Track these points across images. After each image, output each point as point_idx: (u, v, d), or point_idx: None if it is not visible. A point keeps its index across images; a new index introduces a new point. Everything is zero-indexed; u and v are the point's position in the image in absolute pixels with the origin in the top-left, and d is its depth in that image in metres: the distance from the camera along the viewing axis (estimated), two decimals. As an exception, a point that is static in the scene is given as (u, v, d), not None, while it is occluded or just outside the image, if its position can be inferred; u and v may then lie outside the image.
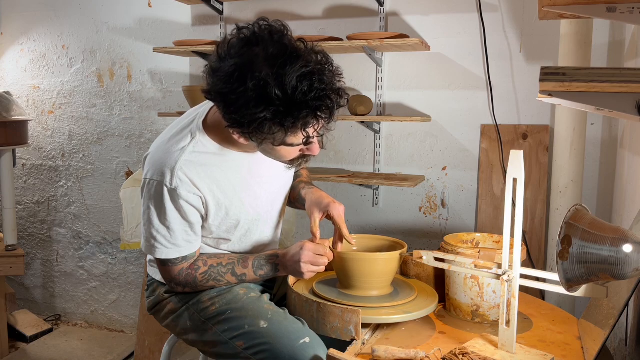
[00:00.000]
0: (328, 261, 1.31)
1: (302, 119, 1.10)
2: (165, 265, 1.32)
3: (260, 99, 1.07)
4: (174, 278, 1.33)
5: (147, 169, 1.30)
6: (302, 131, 1.14)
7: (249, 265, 1.33)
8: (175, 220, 1.27)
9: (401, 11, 2.37)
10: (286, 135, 1.13)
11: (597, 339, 1.15)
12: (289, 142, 1.17)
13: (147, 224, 1.29)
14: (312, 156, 1.26)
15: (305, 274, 1.29)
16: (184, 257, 1.31)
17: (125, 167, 3.01)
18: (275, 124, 1.10)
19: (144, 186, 1.29)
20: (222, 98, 1.12)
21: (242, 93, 1.08)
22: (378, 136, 2.47)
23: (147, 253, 1.32)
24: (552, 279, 1.12)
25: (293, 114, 1.09)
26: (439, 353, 1.15)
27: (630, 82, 0.88)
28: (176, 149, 1.27)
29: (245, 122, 1.11)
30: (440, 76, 2.35)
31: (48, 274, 3.28)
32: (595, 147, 2.16)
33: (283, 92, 1.06)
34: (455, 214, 2.39)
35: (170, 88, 2.84)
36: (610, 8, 1.06)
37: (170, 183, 1.24)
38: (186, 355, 2.70)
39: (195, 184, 1.26)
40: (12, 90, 3.13)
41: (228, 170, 1.31)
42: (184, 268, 1.32)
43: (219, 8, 2.62)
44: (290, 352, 1.18)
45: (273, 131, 1.12)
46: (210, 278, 1.32)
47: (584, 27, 1.92)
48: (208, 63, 1.16)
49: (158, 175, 1.25)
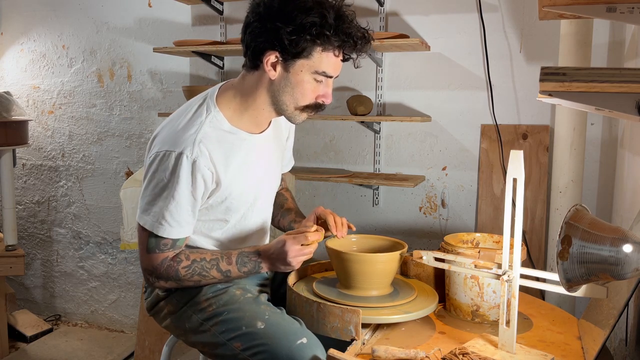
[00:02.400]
0: (314, 248, 1.32)
1: (341, 35, 1.25)
2: (152, 252, 1.30)
3: (316, 5, 1.23)
4: (156, 269, 1.31)
5: (159, 144, 1.29)
6: (334, 51, 1.27)
7: (233, 261, 1.33)
8: (185, 196, 1.27)
9: (401, 11, 2.37)
10: (320, 53, 1.26)
11: (597, 339, 1.15)
12: (317, 68, 1.28)
13: (155, 197, 1.27)
14: (323, 107, 1.36)
15: (295, 266, 1.33)
16: (175, 242, 1.30)
17: (125, 167, 3.01)
18: (318, 33, 1.22)
19: (155, 160, 1.28)
20: (271, 10, 1.24)
21: (298, 1, 1.23)
22: (378, 136, 2.47)
23: (147, 228, 1.29)
24: (552, 279, 1.12)
25: (336, 26, 1.24)
26: (439, 353, 1.15)
27: (630, 82, 0.88)
28: (195, 122, 1.31)
29: (291, 29, 1.22)
30: (440, 76, 2.35)
31: (48, 274, 3.28)
32: (595, 147, 2.16)
33: (335, 11, 1.25)
34: (455, 214, 2.39)
35: (170, 88, 2.84)
36: (610, 8, 1.06)
37: (192, 153, 1.26)
38: (186, 355, 2.70)
39: (212, 158, 1.29)
40: (12, 90, 3.13)
41: (237, 148, 1.35)
42: (167, 258, 1.31)
43: (219, 8, 2.62)
44: (287, 352, 1.18)
45: (312, 44, 1.24)
46: (195, 273, 1.32)
47: (584, 27, 1.92)
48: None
49: (177, 147, 1.26)
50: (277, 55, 1.27)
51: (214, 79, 2.74)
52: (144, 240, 1.31)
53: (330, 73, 1.31)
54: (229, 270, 1.33)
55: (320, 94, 1.33)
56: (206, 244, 1.42)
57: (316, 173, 2.41)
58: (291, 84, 1.31)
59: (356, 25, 1.28)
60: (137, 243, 1.38)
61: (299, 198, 2.64)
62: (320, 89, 1.33)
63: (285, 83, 1.31)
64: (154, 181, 1.28)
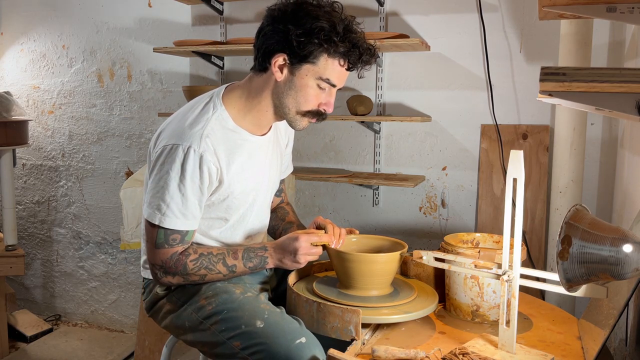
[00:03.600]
0: (321, 251, 1.37)
1: (347, 44, 1.29)
2: (161, 247, 1.31)
3: (326, 14, 1.27)
4: (165, 263, 1.31)
5: (166, 138, 1.31)
6: (339, 60, 1.31)
7: (239, 256, 1.35)
8: (192, 189, 1.29)
9: (401, 11, 2.37)
10: (326, 60, 1.30)
11: (597, 339, 1.15)
12: (322, 74, 1.31)
13: (162, 190, 1.28)
14: (324, 116, 1.38)
15: (302, 264, 1.36)
16: (183, 236, 1.31)
17: (125, 167, 3.01)
18: (326, 38, 1.26)
19: (162, 153, 1.29)
20: (284, 14, 1.29)
21: (311, 9, 1.28)
22: (378, 136, 2.47)
23: (155, 222, 1.29)
24: (552, 279, 1.12)
25: (344, 35, 1.28)
26: (439, 353, 1.15)
27: (630, 82, 0.88)
28: (202, 118, 1.33)
29: (300, 32, 1.26)
30: (440, 76, 2.35)
31: (48, 274, 3.28)
32: (595, 147, 2.16)
33: (345, 23, 1.30)
34: (455, 214, 2.39)
35: (170, 88, 2.85)
36: (610, 8, 1.07)
37: (199, 146, 1.28)
38: (186, 355, 2.70)
39: (217, 153, 1.32)
40: (12, 90, 3.13)
41: (240, 148, 1.38)
42: (177, 252, 1.32)
43: (219, 8, 2.62)
44: (286, 352, 1.18)
45: (319, 49, 1.28)
46: (202, 266, 1.33)
47: (584, 27, 1.92)
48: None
49: (185, 141, 1.29)
50: (285, 58, 1.30)
51: (214, 79, 2.74)
52: (153, 235, 1.31)
53: (334, 81, 1.33)
54: (234, 265, 1.35)
55: (323, 101, 1.36)
56: (204, 242, 1.42)
57: (316, 173, 2.41)
58: (295, 88, 1.33)
59: (363, 39, 1.33)
60: (143, 239, 1.38)
61: (298, 198, 2.64)
62: (322, 97, 1.36)
63: (290, 86, 1.33)
64: (161, 174, 1.29)
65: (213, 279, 1.36)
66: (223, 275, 1.35)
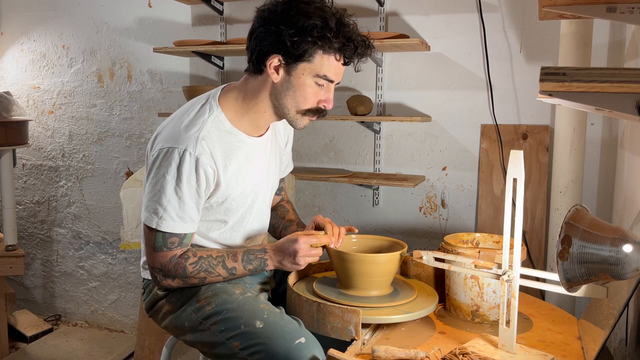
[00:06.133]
0: (321, 252, 1.37)
1: (342, 39, 1.28)
2: (159, 250, 1.31)
3: (317, 11, 1.26)
4: (164, 266, 1.31)
5: (162, 142, 1.31)
6: (335, 55, 1.29)
7: (239, 259, 1.35)
8: (189, 192, 1.29)
9: (401, 11, 2.37)
10: (322, 56, 1.28)
11: (597, 339, 1.15)
12: (319, 71, 1.29)
13: (158, 193, 1.28)
14: (324, 113, 1.37)
15: (302, 265, 1.35)
16: (182, 239, 1.31)
17: (125, 167, 3.01)
18: (320, 35, 1.25)
19: (158, 156, 1.29)
20: (274, 15, 1.28)
21: (302, 6, 1.26)
22: (378, 136, 2.47)
23: (152, 225, 1.29)
24: (552, 279, 1.12)
25: (337, 30, 1.27)
26: (439, 353, 1.15)
27: (630, 82, 0.88)
28: (198, 121, 1.33)
29: (293, 31, 1.24)
30: (440, 76, 2.35)
31: (48, 274, 3.28)
32: (595, 147, 2.16)
33: (337, 17, 1.28)
34: (455, 214, 2.39)
35: (170, 88, 2.84)
36: (610, 8, 1.07)
37: (195, 149, 1.28)
38: (186, 355, 2.70)
39: (214, 156, 1.31)
40: (12, 90, 3.13)
41: (236, 150, 1.37)
42: (175, 255, 1.31)
43: (219, 8, 2.62)
44: (285, 352, 1.18)
45: (314, 46, 1.26)
46: (202, 269, 1.32)
47: (584, 27, 1.92)
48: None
49: (181, 144, 1.28)
50: (280, 59, 1.29)
51: (214, 79, 2.74)
52: (151, 239, 1.31)
53: (331, 77, 1.32)
54: (234, 268, 1.34)
55: (322, 98, 1.35)
56: (204, 244, 1.42)
57: (316, 173, 2.41)
58: (293, 87, 1.32)
59: (356, 31, 1.31)
60: (143, 242, 1.38)
61: (298, 198, 2.64)
62: (321, 94, 1.34)
63: (288, 86, 1.32)
64: (157, 177, 1.29)
65: (213, 281, 1.35)
66: (223, 277, 1.35)
